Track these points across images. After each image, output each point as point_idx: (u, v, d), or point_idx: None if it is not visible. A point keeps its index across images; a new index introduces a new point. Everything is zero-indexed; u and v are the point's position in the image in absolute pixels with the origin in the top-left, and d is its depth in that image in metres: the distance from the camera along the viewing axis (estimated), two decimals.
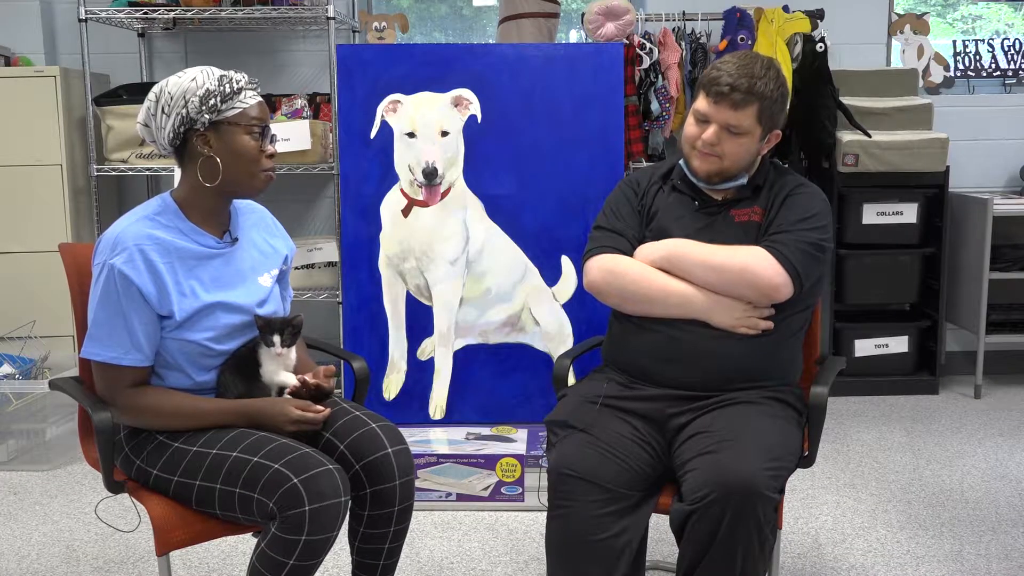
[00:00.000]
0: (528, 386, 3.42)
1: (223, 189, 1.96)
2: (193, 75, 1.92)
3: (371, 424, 1.99)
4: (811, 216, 2.09)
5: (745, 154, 2.09)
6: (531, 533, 2.88)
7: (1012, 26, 4.72)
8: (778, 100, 2.08)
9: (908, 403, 4.13)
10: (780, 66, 2.14)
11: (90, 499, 3.14)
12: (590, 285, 2.17)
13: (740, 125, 2.05)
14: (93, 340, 1.88)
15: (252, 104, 1.94)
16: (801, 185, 2.17)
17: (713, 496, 1.79)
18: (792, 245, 2.04)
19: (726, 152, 2.08)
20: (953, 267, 4.28)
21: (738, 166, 2.11)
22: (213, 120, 1.91)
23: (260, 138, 1.95)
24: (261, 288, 2.04)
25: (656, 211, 2.20)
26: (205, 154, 1.92)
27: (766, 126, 2.09)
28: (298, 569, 1.77)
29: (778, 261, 2.02)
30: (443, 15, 4.78)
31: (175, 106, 1.90)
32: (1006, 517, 2.96)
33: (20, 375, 3.46)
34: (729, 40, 3.97)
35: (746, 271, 2.02)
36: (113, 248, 1.86)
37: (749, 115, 2.04)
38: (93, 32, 3.90)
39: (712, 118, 2.06)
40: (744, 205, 2.14)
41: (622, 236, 2.18)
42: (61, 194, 3.87)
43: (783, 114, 2.14)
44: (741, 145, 2.07)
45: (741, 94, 2.02)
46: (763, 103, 2.04)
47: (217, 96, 1.90)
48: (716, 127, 2.06)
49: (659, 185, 2.23)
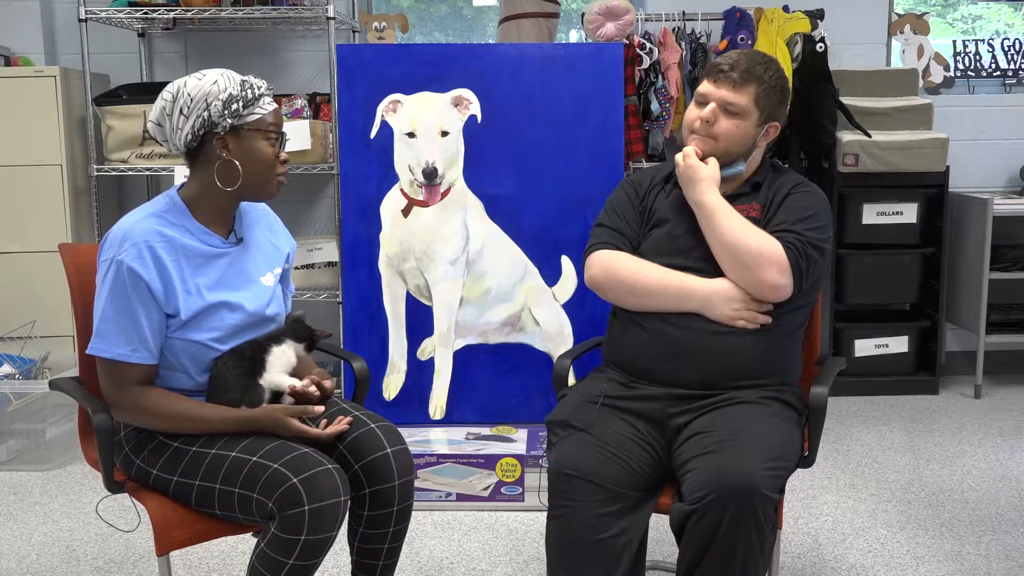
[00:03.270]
0: (528, 386, 3.42)
1: (237, 192, 1.96)
2: (214, 78, 1.91)
3: (370, 424, 1.99)
4: (811, 215, 2.10)
5: (741, 136, 2.11)
6: (531, 533, 2.88)
7: (1012, 26, 4.72)
8: (777, 90, 2.12)
9: (908, 403, 4.13)
10: (782, 66, 2.17)
11: (90, 499, 3.14)
12: (590, 281, 2.19)
13: (737, 103, 2.08)
14: (100, 336, 1.87)
15: (270, 110, 1.96)
16: (801, 184, 2.18)
17: (713, 496, 1.79)
18: (796, 246, 2.04)
19: (721, 132, 2.10)
20: (953, 267, 4.28)
21: (734, 150, 2.12)
22: (234, 124, 1.91)
23: (276, 143, 1.97)
24: (265, 288, 2.04)
25: (656, 210, 2.21)
26: (224, 158, 1.92)
27: (764, 112, 2.11)
28: (298, 569, 1.77)
29: (788, 261, 2.02)
30: (443, 15, 4.78)
31: (195, 108, 1.90)
32: (1006, 517, 2.96)
33: (20, 375, 3.46)
34: (729, 40, 3.98)
35: (761, 257, 2.01)
36: (121, 244, 1.86)
37: (747, 95, 2.08)
38: (93, 32, 3.90)
39: (711, 96, 2.11)
40: (743, 201, 2.15)
41: (622, 234, 2.20)
42: (61, 194, 3.87)
43: (782, 109, 2.16)
44: (737, 127, 2.10)
45: (740, 73, 2.08)
46: (761, 86, 2.09)
47: (240, 101, 1.90)
48: (714, 105, 2.10)
49: (660, 187, 2.25)
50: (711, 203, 2.07)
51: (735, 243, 2.04)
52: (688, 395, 2.05)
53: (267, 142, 1.95)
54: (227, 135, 1.92)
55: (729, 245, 2.04)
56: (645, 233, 2.21)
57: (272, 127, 1.96)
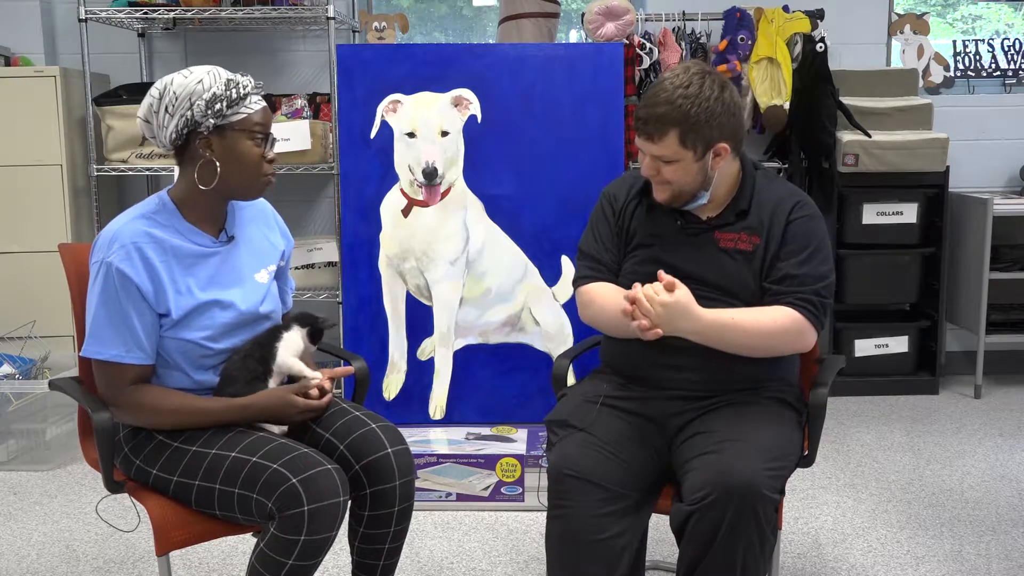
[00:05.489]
0: (528, 386, 3.42)
1: (221, 192, 1.96)
2: (200, 76, 1.91)
3: (371, 424, 1.99)
4: (816, 248, 2.07)
5: (688, 176, 2.01)
6: (531, 533, 2.88)
7: (1012, 26, 4.72)
8: (704, 117, 1.95)
9: (908, 403, 4.13)
10: (714, 76, 2.00)
11: (90, 499, 3.14)
12: (583, 319, 2.20)
13: (664, 154, 1.99)
14: (94, 339, 1.88)
15: (256, 110, 1.94)
16: (798, 206, 2.09)
17: (713, 496, 1.79)
18: (812, 303, 2.03)
19: (669, 179, 2.03)
20: (953, 267, 4.27)
21: (690, 188, 2.04)
22: (218, 124, 1.90)
23: (262, 144, 1.95)
24: (258, 286, 2.04)
25: (635, 231, 2.15)
26: (206, 157, 1.91)
27: (697, 147, 1.97)
28: (297, 569, 1.77)
29: (809, 321, 2.02)
30: (443, 15, 4.78)
31: (179, 107, 1.89)
32: (1006, 517, 2.96)
33: (20, 375, 3.46)
34: (729, 40, 3.98)
35: (788, 335, 2.03)
36: (110, 246, 1.87)
37: (670, 143, 1.97)
38: (93, 32, 3.90)
39: (643, 149, 2.04)
40: (730, 229, 2.08)
41: (600, 262, 2.17)
42: (61, 194, 3.87)
43: (723, 128, 1.98)
44: (677, 171, 2.01)
45: (653, 125, 1.97)
46: (682, 127, 1.94)
47: (223, 101, 1.89)
48: (649, 158, 2.03)
49: (637, 201, 2.17)
50: (709, 324, 1.98)
51: (758, 342, 2.01)
52: (688, 396, 2.05)
53: (252, 142, 1.93)
54: (211, 135, 1.91)
55: (754, 348, 2.02)
56: (627, 253, 2.16)
57: (258, 127, 1.94)
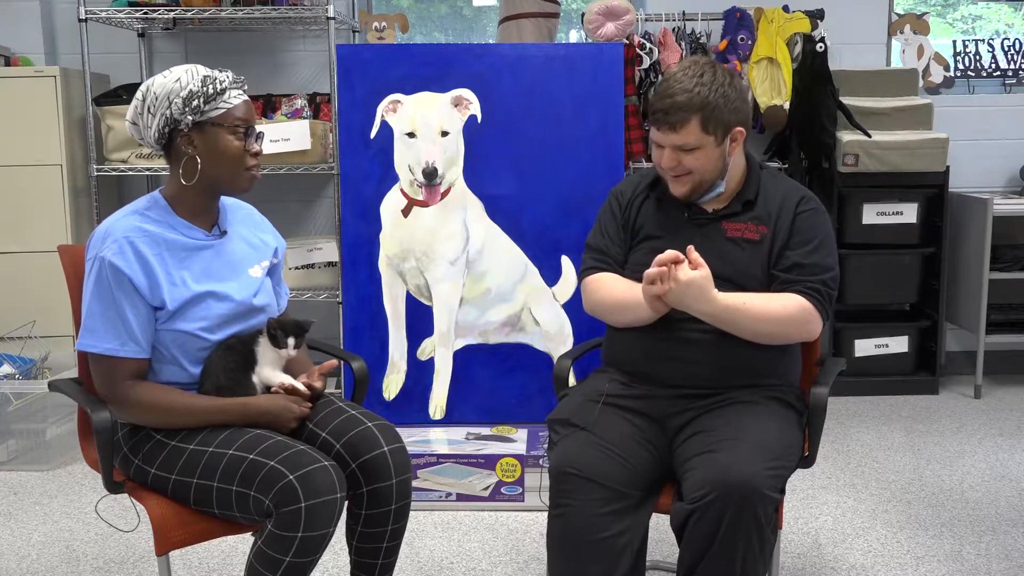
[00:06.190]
0: (528, 386, 3.42)
1: (207, 187, 1.98)
2: (178, 75, 1.93)
3: (367, 423, 1.99)
4: (821, 240, 2.09)
5: (711, 162, 2.06)
6: (531, 533, 2.88)
7: (1012, 26, 4.72)
8: (722, 102, 2.01)
9: (908, 403, 4.13)
10: (720, 66, 2.07)
11: (90, 499, 3.14)
12: (586, 310, 2.24)
13: (688, 142, 2.02)
14: (89, 332, 1.89)
15: (237, 104, 1.95)
16: (803, 200, 2.13)
17: (713, 496, 1.79)
18: (819, 291, 2.05)
19: (691, 168, 2.06)
20: (953, 267, 4.27)
21: (711, 175, 2.08)
22: (197, 121, 1.92)
23: (245, 138, 1.96)
24: (252, 279, 2.05)
25: (642, 224, 2.19)
26: (189, 154, 1.94)
27: (718, 132, 2.03)
28: (295, 566, 1.77)
29: (817, 310, 2.05)
30: (443, 15, 4.78)
31: (159, 106, 1.92)
32: (1006, 517, 2.96)
33: (20, 375, 3.46)
34: (729, 40, 3.97)
35: (796, 322, 2.05)
36: (103, 241, 1.89)
37: (693, 130, 2.01)
38: (93, 32, 3.90)
39: (662, 143, 2.06)
40: (736, 219, 2.12)
41: (606, 254, 2.21)
42: (61, 194, 3.87)
43: (738, 113, 2.06)
44: (700, 158, 2.04)
45: (674, 115, 2.00)
46: (704, 112, 2.00)
47: (200, 97, 1.91)
48: (669, 150, 2.06)
49: (644, 195, 2.21)
50: (723, 307, 2.01)
51: (767, 327, 2.03)
52: (689, 395, 2.06)
53: (233, 136, 1.95)
54: (191, 131, 1.93)
55: (763, 333, 2.04)
56: (634, 246, 2.19)
57: (239, 121, 1.95)
